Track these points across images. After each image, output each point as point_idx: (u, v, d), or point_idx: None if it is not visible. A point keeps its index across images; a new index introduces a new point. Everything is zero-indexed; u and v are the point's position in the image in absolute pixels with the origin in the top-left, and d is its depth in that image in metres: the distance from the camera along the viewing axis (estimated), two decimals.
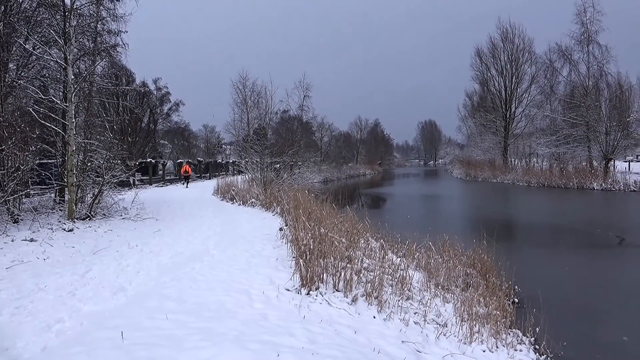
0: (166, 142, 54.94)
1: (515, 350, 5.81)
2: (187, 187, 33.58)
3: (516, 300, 7.93)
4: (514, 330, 6.39)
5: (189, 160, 47.24)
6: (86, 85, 14.67)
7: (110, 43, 16.15)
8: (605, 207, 24.65)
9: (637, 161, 47.84)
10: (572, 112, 39.84)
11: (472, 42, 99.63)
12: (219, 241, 10.76)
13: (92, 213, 13.59)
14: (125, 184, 22.91)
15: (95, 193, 14.10)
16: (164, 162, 42.33)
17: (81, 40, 14.74)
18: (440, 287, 7.86)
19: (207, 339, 4.63)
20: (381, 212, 22.37)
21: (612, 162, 37.19)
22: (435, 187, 46.04)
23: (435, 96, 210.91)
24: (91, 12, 15.15)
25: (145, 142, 44.61)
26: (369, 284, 6.93)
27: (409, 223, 13.92)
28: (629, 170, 38.78)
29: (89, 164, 14.30)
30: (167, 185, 36.67)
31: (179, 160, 46.09)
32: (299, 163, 29.38)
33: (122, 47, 16.24)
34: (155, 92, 49.45)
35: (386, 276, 7.68)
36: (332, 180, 52.35)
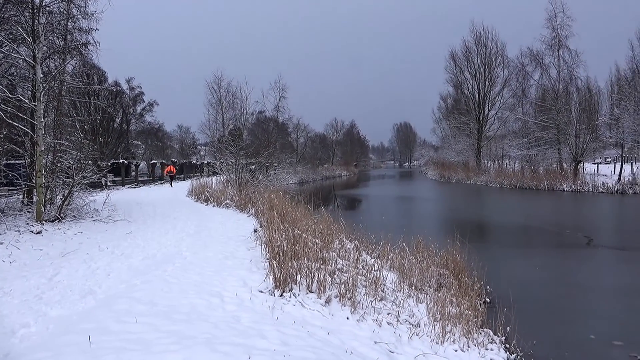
0: (139, 143, 54.14)
1: (487, 349, 5.88)
2: (171, 186, 33.71)
3: (488, 300, 8.04)
4: (485, 329, 6.47)
5: (174, 161, 47.11)
6: (56, 84, 14.32)
7: (81, 41, 15.78)
8: (575, 208, 25.22)
9: (605, 163, 49.02)
10: (543, 115, 40.66)
11: (447, 45, 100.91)
12: (192, 243, 10.64)
13: (61, 215, 13.29)
14: (96, 185, 22.48)
15: (65, 194, 13.78)
16: (137, 162, 41.71)
17: (51, 38, 14.38)
18: (413, 288, 7.91)
19: (177, 342, 4.55)
20: (356, 214, 22.44)
21: (582, 165, 38.04)
22: (410, 188, 46.42)
23: (410, 98, 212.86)
24: (61, 9, 14.80)
25: (118, 143, 43.88)
26: (343, 285, 6.93)
27: (384, 224, 13.97)
28: (598, 172, 39.72)
29: (58, 165, 13.97)
30: (140, 186, 36.13)
31: (152, 161, 45.47)
32: (275, 164, 29.24)
33: (94, 46, 15.89)
34: (128, 92, 48.71)
35: (360, 277, 7.69)
36: (308, 182, 52.33)
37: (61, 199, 13.79)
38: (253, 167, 24.61)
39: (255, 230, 11.55)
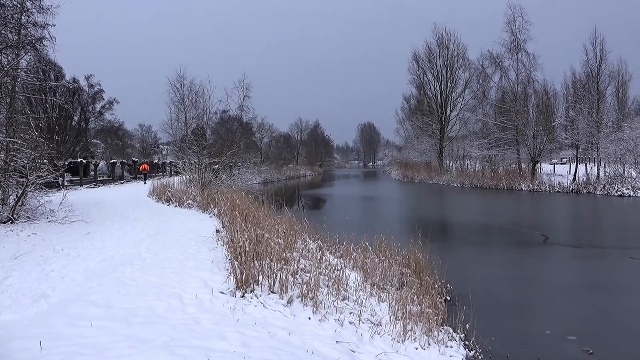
0: (99, 142, 52.74)
1: (446, 346, 5.96)
2: (145, 183, 33.26)
3: (448, 298, 8.16)
4: (445, 327, 6.56)
5: (146, 160, 46.65)
6: (9, 80, 13.78)
7: (36, 36, 15.23)
8: (532, 207, 25.95)
9: (562, 164, 50.71)
10: (503, 116, 41.71)
11: (410, 46, 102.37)
12: (152, 244, 10.41)
13: (14, 216, 12.79)
14: (52, 185, 21.74)
15: (19, 195, 13.27)
16: (96, 162, 40.61)
17: (3, 32, 13.84)
18: (376, 287, 7.95)
19: (133, 346, 4.43)
20: (320, 213, 22.46)
21: (539, 165, 39.20)
22: (374, 188, 46.81)
23: (374, 99, 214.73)
24: (14, 2, 14.25)
25: (76, 141, 42.61)
26: (305, 285, 6.91)
27: (348, 224, 14.05)
28: (554, 172, 41.03)
29: (11, 164, 13.44)
30: (99, 186, 35.19)
31: (112, 161, 44.37)
32: (239, 164, 28.96)
33: (50, 41, 15.35)
34: (87, 89, 47.36)
35: (323, 277, 7.68)
36: (272, 182, 52.10)
37: (14, 199, 13.28)
38: (216, 166, 24.31)
39: (217, 231, 11.39)
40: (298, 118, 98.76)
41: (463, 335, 6.37)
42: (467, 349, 6.01)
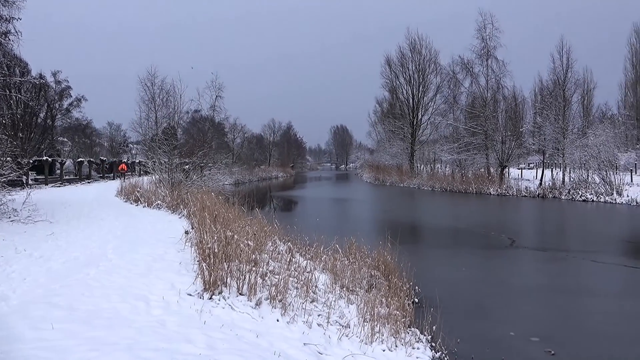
0: (65, 140, 51.49)
1: (414, 348, 6.01)
2: (123, 181, 32.59)
3: (416, 300, 8.24)
4: (412, 329, 6.61)
5: (123, 160, 46.09)
6: None
7: (1, 30, 14.81)
8: (500, 211, 26.45)
9: (529, 169, 51.85)
10: (473, 121, 42.42)
11: (383, 50, 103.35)
12: (119, 245, 10.21)
13: None
14: (16, 184, 21.12)
15: None
16: (63, 160, 39.66)
17: None
18: (345, 289, 7.97)
19: (96, 349, 4.34)
20: (291, 215, 22.44)
21: (507, 169, 39.99)
22: (345, 190, 47.02)
23: (347, 101, 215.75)
24: None
25: (42, 139, 41.51)
26: (274, 287, 6.88)
27: (319, 226, 14.05)
28: (521, 177, 41.91)
29: None
30: (65, 185, 34.38)
31: (79, 159, 43.39)
32: (210, 164, 28.68)
33: (15, 36, 14.94)
34: (54, 86, 46.20)
35: (292, 279, 7.67)
36: (244, 183, 51.80)
37: None
38: (187, 167, 24.02)
39: (186, 232, 11.25)
40: (271, 119, 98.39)
41: (430, 336, 6.43)
42: (433, 351, 6.08)
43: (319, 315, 6.49)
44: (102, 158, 50.25)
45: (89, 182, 38.75)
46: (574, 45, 43.98)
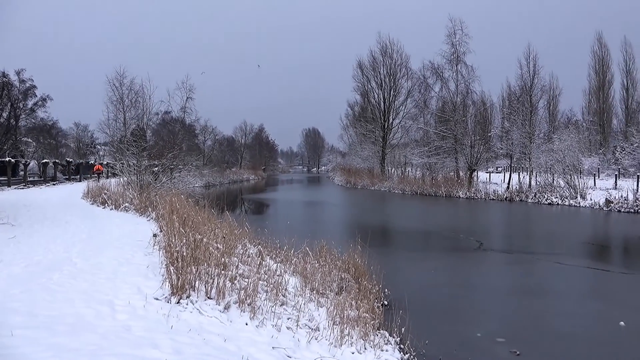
0: (30, 140, 50.05)
1: (382, 350, 6.04)
2: (99, 181, 31.87)
3: (385, 302, 8.30)
4: (382, 331, 6.65)
5: (101, 162, 45.55)
6: None
7: None
8: (468, 214, 26.87)
9: (497, 173, 52.80)
10: (443, 125, 43.05)
11: (355, 53, 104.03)
12: (84, 248, 9.96)
13: None
14: None
15: None
16: (26, 161, 38.55)
17: None
18: (315, 292, 7.96)
19: (57, 355, 4.21)
20: (262, 218, 22.33)
21: (476, 173, 40.68)
22: (317, 193, 47.07)
23: (319, 104, 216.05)
24: None
25: (4, 140, 40.14)
26: (243, 291, 6.81)
27: (290, 229, 14.01)
28: (489, 180, 42.68)
29: None
30: (29, 187, 33.43)
31: (44, 160, 42.26)
32: (180, 166, 28.32)
33: None
34: (18, 85, 44.85)
35: (262, 282, 7.61)
36: (215, 185, 51.31)
37: None
38: (156, 169, 23.65)
39: (154, 235, 11.05)
40: (243, 121, 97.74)
41: (399, 339, 6.48)
42: (402, 352, 6.12)
43: (288, 319, 6.46)
44: (68, 159, 49.03)
45: (54, 184, 37.77)
46: (540, 52, 45.25)
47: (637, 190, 27.28)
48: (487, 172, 48.92)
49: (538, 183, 34.49)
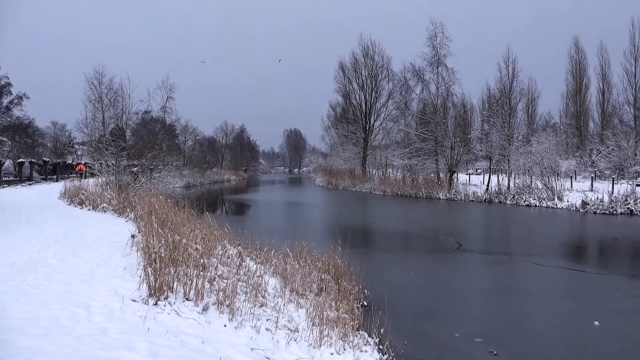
0: (5, 139, 49.03)
1: (361, 351, 6.06)
2: (80, 182, 31.34)
3: (365, 303, 8.32)
4: (361, 332, 6.67)
5: (84, 162, 44.84)
6: None
7: None
8: (448, 215, 27.11)
9: (477, 174, 53.33)
10: (423, 127, 43.36)
11: (337, 54, 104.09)
12: (60, 249, 9.80)
13: None
14: None
15: None
16: (1, 161, 37.79)
17: None
18: (295, 293, 7.95)
19: (31, 358, 4.13)
20: (243, 219, 22.22)
21: (456, 175, 41.05)
22: (298, 194, 47.02)
23: (301, 105, 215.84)
24: None
25: None
26: (222, 292, 6.77)
27: (270, 230, 13.99)
28: (469, 182, 43.10)
29: None
30: (4, 187, 32.77)
31: (19, 160, 41.47)
32: (160, 167, 28.01)
33: None
34: None
35: (241, 283, 7.58)
36: (195, 186, 50.92)
37: None
38: (135, 169, 23.37)
39: (132, 236, 10.91)
40: (224, 121, 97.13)
41: (378, 339, 6.50)
42: (380, 353, 6.15)
43: (267, 320, 6.43)
44: (45, 159, 48.19)
45: (30, 184, 37.11)
46: (519, 55, 45.92)
47: (612, 192, 27.83)
48: (467, 174, 49.38)
49: (516, 185, 34.91)
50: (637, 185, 30.39)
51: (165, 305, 6.25)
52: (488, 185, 37.45)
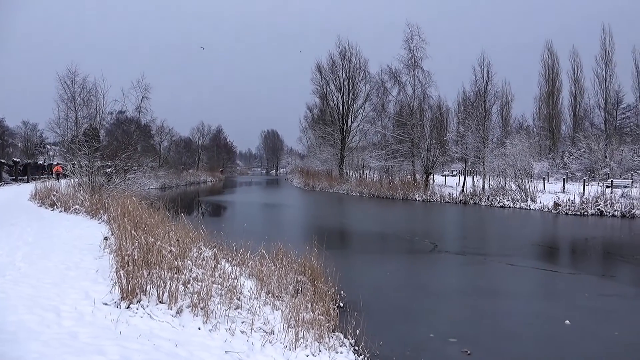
0: None
1: (337, 352, 6.05)
2: (58, 181, 30.59)
3: (341, 304, 8.32)
4: (337, 333, 6.67)
5: (58, 163, 44.15)
6: None
7: None
8: (424, 216, 27.36)
9: (452, 176, 53.96)
10: (400, 129, 43.73)
11: (314, 55, 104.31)
12: (30, 252, 9.54)
13: None
14: None
15: None
16: None
17: None
18: (271, 295, 7.91)
19: None
20: (219, 221, 22.04)
21: (432, 176, 41.48)
22: (275, 195, 46.90)
23: (279, 106, 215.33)
24: None
25: None
26: (196, 295, 6.69)
27: (247, 231, 13.89)
28: (445, 184, 43.59)
29: None
30: None
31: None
32: (134, 168, 27.61)
33: None
34: None
35: (216, 286, 7.50)
36: (171, 187, 50.39)
37: None
38: (109, 170, 22.98)
39: (105, 238, 10.72)
40: (200, 122, 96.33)
41: (353, 340, 6.51)
42: (356, 354, 6.16)
43: (242, 322, 6.38)
44: (15, 159, 47.08)
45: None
46: (493, 59, 46.64)
47: (583, 193, 28.46)
48: (442, 176, 49.93)
49: (491, 186, 35.42)
50: (607, 186, 31.17)
51: (138, 309, 6.14)
52: (463, 186, 37.90)
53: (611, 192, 28.40)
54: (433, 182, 41.42)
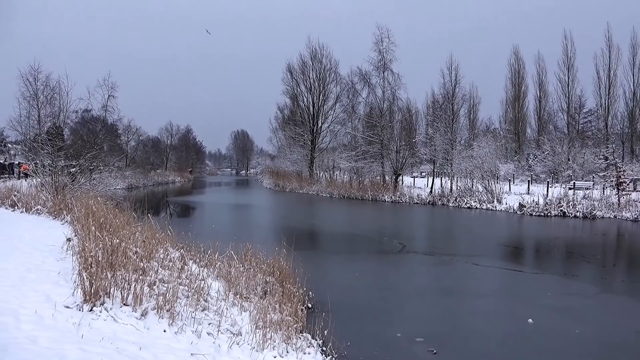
0: None
1: (305, 353, 6.04)
2: (25, 180, 29.55)
3: (309, 305, 8.32)
4: (304, 334, 6.65)
5: (19, 162, 43.23)
6: None
7: None
8: (393, 217, 27.60)
9: (421, 177, 54.62)
10: (370, 130, 44.05)
11: (284, 55, 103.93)
12: None
13: None
14: None
15: None
16: None
17: None
18: (239, 296, 7.84)
19: None
20: (187, 221, 21.76)
21: (401, 178, 41.90)
22: (245, 196, 46.59)
23: (249, 106, 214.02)
24: None
25: None
26: (162, 297, 6.57)
27: (215, 232, 13.74)
28: (414, 185, 44.10)
29: None
30: None
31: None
32: (100, 167, 27.03)
33: None
34: None
35: (182, 287, 7.39)
36: (138, 187, 49.49)
37: None
38: (74, 169, 22.42)
39: (68, 239, 10.44)
40: (168, 122, 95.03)
41: (321, 341, 6.51)
42: (324, 355, 6.16)
43: (209, 324, 6.30)
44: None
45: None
46: (461, 63, 47.45)
47: (547, 195, 29.20)
48: (411, 177, 50.51)
49: (459, 188, 36.00)
50: (570, 188, 32.07)
51: (101, 311, 5.99)
52: (432, 188, 38.41)
53: (573, 194, 29.22)
54: (402, 184, 41.85)
